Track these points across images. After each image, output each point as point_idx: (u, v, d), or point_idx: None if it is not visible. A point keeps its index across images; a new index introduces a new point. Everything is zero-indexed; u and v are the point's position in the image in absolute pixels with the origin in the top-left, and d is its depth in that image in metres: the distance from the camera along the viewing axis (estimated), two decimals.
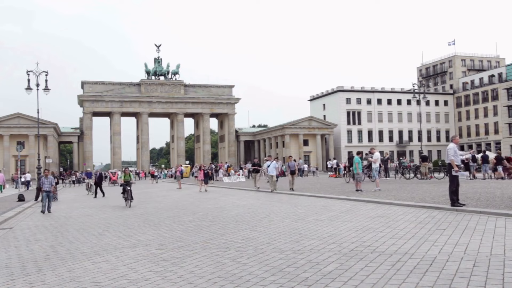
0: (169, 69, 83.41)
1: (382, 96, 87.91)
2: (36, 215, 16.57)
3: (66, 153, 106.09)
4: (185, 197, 22.26)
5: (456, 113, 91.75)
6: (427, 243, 7.30)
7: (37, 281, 6.26)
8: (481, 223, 9.01)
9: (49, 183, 17.27)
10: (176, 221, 12.35)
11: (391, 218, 10.42)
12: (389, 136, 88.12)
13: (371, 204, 13.95)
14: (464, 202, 11.95)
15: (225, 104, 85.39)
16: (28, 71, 30.93)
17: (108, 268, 6.85)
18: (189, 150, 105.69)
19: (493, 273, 5.32)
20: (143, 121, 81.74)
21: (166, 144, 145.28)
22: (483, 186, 17.95)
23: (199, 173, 28.62)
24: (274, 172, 22.18)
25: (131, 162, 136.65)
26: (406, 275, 5.44)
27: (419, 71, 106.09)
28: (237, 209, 14.83)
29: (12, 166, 65.46)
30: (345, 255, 6.79)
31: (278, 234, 9.10)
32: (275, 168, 22.33)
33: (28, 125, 67.21)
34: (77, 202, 22.65)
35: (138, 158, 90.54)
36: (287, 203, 16.07)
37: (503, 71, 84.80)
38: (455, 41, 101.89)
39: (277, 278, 5.68)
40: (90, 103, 78.10)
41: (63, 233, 11.30)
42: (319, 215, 11.82)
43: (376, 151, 22.17)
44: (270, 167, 22.42)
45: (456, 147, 12.12)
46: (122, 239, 9.70)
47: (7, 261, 7.90)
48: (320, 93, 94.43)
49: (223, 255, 7.30)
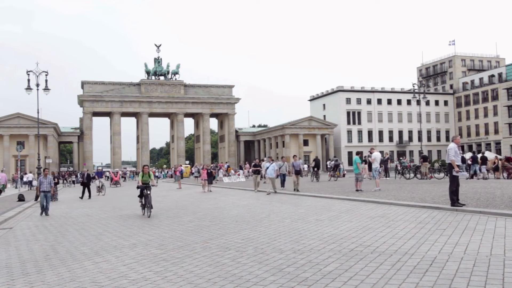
0: (169, 69, 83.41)
1: (382, 96, 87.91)
2: (36, 215, 16.56)
3: (66, 153, 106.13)
4: (185, 197, 22.27)
5: (456, 113, 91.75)
6: (427, 243, 7.30)
7: (37, 281, 6.26)
8: (481, 223, 9.01)
9: (48, 183, 16.71)
10: (176, 221, 12.36)
11: (391, 218, 10.42)
12: (389, 136, 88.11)
13: (371, 204, 13.95)
14: (464, 202, 11.95)
15: (225, 104, 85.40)
16: (28, 71, 30.96)
17: (108, 268, 6.85)
18: (189, 150, 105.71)
19: (493, 273, 5.33)
20: (143, 121, 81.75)
21: (166, 144, 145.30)
22: (483, 186, 17.95)
23: (202, 172, 28.22)
24: (273, 175, 21.66)
25: (131, 162, 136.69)
26: (406, 275, 5.44)
27: (419, 71, 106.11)
28: (237, 209, 14.83)
29: (12, 166, 65.45)
30: (345, 255, 6.79)
31: (278, 234, 9.11)
32: (274, 171, 21.82)
33: (28, 125, 67.21)
34: (77, 202, 22.65)
35: (138, 158, 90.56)
36: (287, 203, 16.07)
37: (503, 71, 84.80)
38: (455, 41, 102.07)
39: (277, 278, 5.68)
40: (90, 103, 78.10)
41: (63, 233, 11.30)
42: (319, 215, 11.82)
43: (376, 151, 22.17)
44: (269, 169, 21.91)
45: (456, 147, 12.12)
46: (122, 239, 9.70)
47: (7, 261, 7.90)
48: (320, 93, 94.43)
49: (223, 255, 7.30)
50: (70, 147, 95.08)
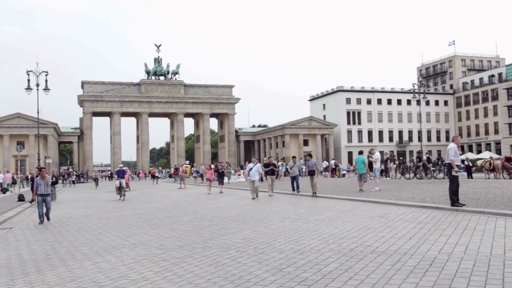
0: (169, 69, 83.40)
1: (382, 96, 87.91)
2: (36, 215, 16.52)
3: (66, 153, 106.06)
4: (185, 197, 22.26)
5: (456, 113, 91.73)
6: (427, 243, 7.30)
7: (37, 281, 6.26)
8: (481, 223, 9.01)
9: (46, 185, 14.09)
10: (176, 221, 12.35)
11: (391, 218, 10.42)
12: (389, 136, 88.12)
13: (371, 204, 13.95)
14: (464, 202, 11.95)
15: (225, 104, 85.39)
16: (28, 71, 30.93)
17: (108, 268, 6.85)
18: (189, 150, 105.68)
19: (493, 273, 5.32)
20: (143, 121, 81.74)
21: (166, 144, 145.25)
22: (483, 186, 17.94)
23: (206, 172, 26.65)
24: (256, 177, 19.32)
25: (131, 162, 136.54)
26: (406, 275, 5.44)
27: (419, 71, 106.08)
28: (237, 209, 14.83)
29: (12, 166, 65.45)
30: (345, 255, 6.79)
31: (278, 234, 9.10)
32: (258, 172, 19.61)
33: (28, 125, 67.19)
34: (77, 202, 22.63)
35: (138, 158, 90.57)
36: (287, 203, 16.08)
37: (503, 71, 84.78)
38: (455, 41, 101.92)
39: (277, 278, 5.68)
40: (90, 103, 78.09)
41: (63, 233, 11.30)
42: (319, 215, 11.82)
43: (376, 151, 22.17)
44: (252, 171, 19.56)
45: (456, 147, 12.12)
46: (122, 239, 9.70)
47: (7, 261, 7.90)
48: (320, 93, 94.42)
49: (223, 255, 7.30)
50: (70, 147, 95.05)
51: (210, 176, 25.72)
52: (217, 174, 25.65)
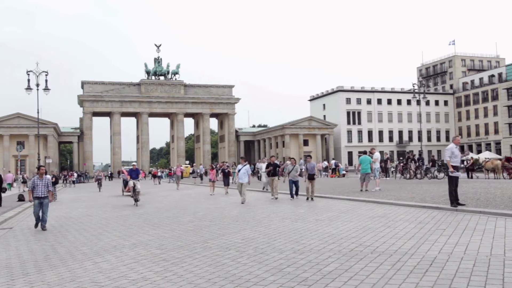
0: (169, 69, 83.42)
1: (382, 96, 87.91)
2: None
3: (66, 153, 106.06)
4: (185, 197, 22.26)
5: (456, 113, 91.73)
6: (427, 243, 7.30)
7: (37, 281, 6.26)
8: (481, 223, 9.01)
9: (43, 186, 12.21)
10: (176, 221, 12.35)
11: (391, 218, 10.42)
12: (389, 136, 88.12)
13: (371, 204, 13.95)
14: (464, 202, 11.95)
15: (225, 104, 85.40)
16: (28, 71, 30.96)
17: (108, 268, 6.84)
18: (189, 150, 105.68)
19: (493, 273, 5.32)
20: (143, 121, 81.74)
21: (166, 144, 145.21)
22: (483, 186, 17.95)
23: (210, 173, 25.66)
24: (245, 179, 17.70)
25: (131, 162, 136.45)
26: (406, 275, 5.44)
27: (419, 71, 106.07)
28: (237, 209, 14.83)
29: (12, 166, 65.46)
30: (345, 255, 6.79)
31: (278, 234, 9.10)
32: (247, 174, 18.08)
33: (28, 125, 67.20)
34: (77, 202, 22.63)
35: (138, 158, 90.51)
36: (287, 203, 16.08)
37: (503, 71, 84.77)
38: (455, 41, 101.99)
39: (277, 278, 5.68)
40: (90, 103, 78.11)
41: (63, 233, 11.29)
42: (319, 215, 11.82)
43: (376, 151, 22.17)
44: (241, 173, 17.98)
45: (455, 147, 12.12)
46: (122, 239, 9.70)
47: (7, 261, 7.89)
48: (320, 93, 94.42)
49: (223, 255, 7.30)
50: (70, 147, 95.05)
51: (213, 177, 24.95)
52: (222, 175, 24.68)
